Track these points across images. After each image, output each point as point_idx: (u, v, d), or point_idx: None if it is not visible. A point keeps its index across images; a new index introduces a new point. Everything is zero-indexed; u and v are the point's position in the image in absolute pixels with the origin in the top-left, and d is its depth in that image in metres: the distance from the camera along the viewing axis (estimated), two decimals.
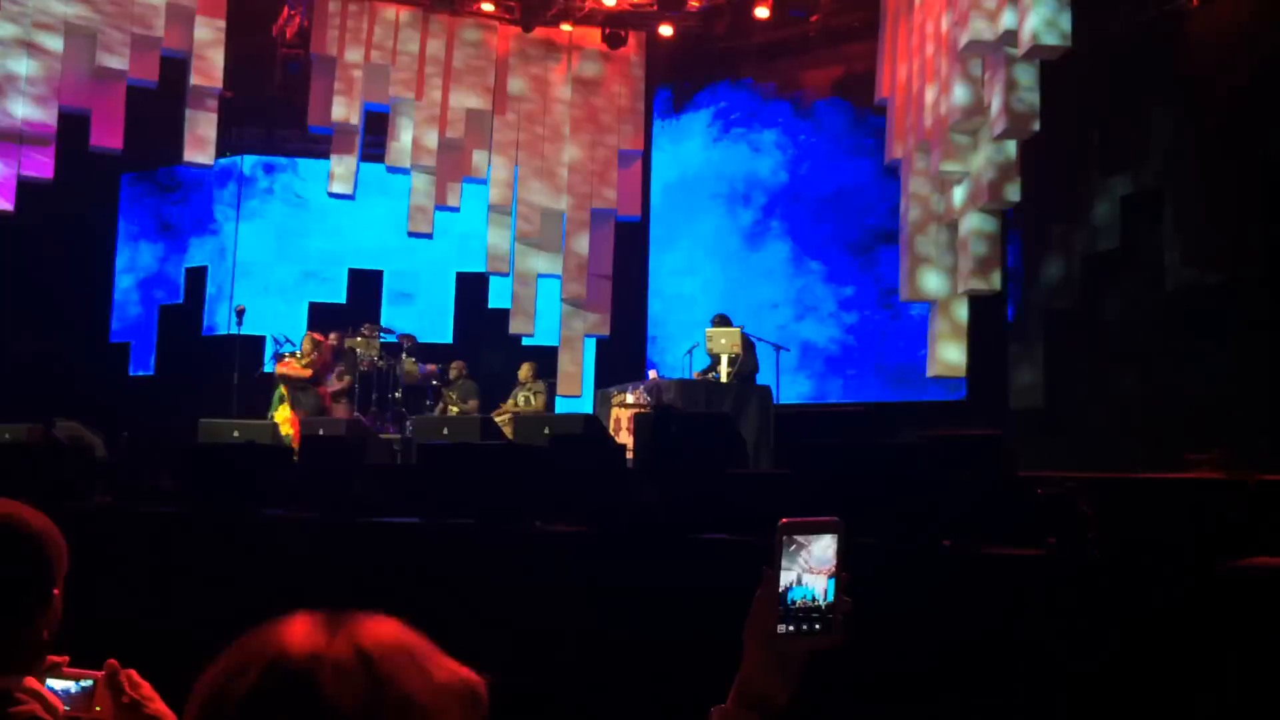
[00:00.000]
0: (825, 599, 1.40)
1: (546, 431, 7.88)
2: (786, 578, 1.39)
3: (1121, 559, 4.18)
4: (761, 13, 13.58)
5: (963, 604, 4.22)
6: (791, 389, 12.90)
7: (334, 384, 11.67)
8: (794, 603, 1.39)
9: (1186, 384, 10.26)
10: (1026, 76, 10.12)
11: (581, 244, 14.66)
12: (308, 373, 11.32)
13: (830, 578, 1.41)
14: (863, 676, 3.48)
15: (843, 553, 1.42)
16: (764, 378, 10.91)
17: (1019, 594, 4.17)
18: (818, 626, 1.39)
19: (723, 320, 10.75)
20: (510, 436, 9.38)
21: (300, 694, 0.96)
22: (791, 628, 1.38)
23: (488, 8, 14.26)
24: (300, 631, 1.02)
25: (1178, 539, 4.21)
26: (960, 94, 10.82)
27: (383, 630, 1.06)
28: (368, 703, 0.97)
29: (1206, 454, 5.70)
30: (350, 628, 1.04)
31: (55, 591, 1.77)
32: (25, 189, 12.06)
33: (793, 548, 1.41)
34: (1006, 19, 9.80)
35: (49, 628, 1.75)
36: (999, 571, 4.24)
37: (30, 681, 1.68)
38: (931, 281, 12.04)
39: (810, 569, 1.40)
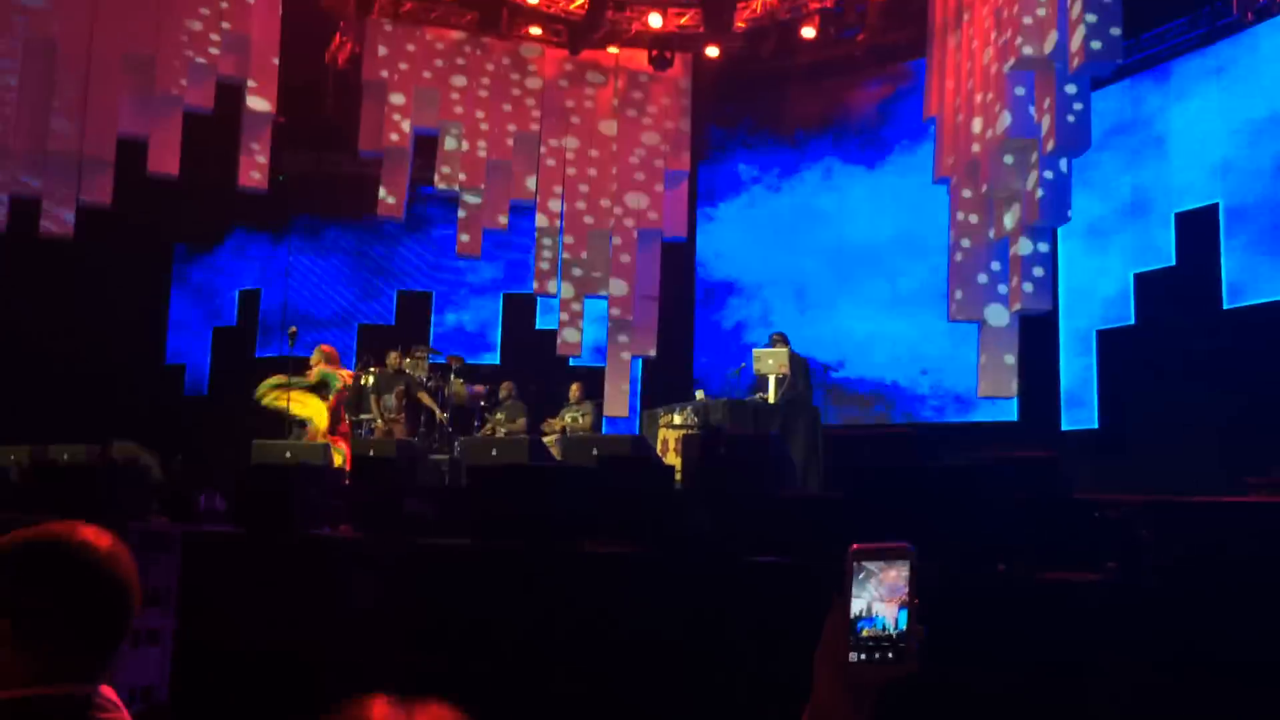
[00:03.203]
0: (896, 627, 1.37)
1: (595, 452, 7.88)
2: (857, 606, 1.37)
3: (1182, 584, 4.09)
4: (808, 32, 13.58)
5: (1020, 629, 4.15)
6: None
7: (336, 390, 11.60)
8: (863, 631, 1.37)
9: (1243, 403, 10.06)
10: (1077, 93, 10.00)
11: (628, 264, 14.70)
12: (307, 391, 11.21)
13: (901, 606, 1.38)
14: (922, 703, 3.43)
15: (914, 580, 1.39)
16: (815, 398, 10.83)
17: (1078, 619, 4.09)
18: (890, 655, 1.36)
19: (780, 339, 10.63)
20: (558, 457, 9.38)
21: None
22: (863, 656, 1.36)
23: (535, 31, 14.40)
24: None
25: (1239, 564, 4.11)
26: (1010, 112, 10.72)
27: None
28: None
29: (1267, 477, 5.56)
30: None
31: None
32: (84, 213, 12.34)
33: (862, 575, 1.39)
34: (1056, 35, 9.71)
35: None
36: (1058, 596, 4.17)
37: (107, 690, 1.71)
38: (981, 301, 11.92)
39: (881, 597, 1.38)
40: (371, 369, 12.28)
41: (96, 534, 1.78)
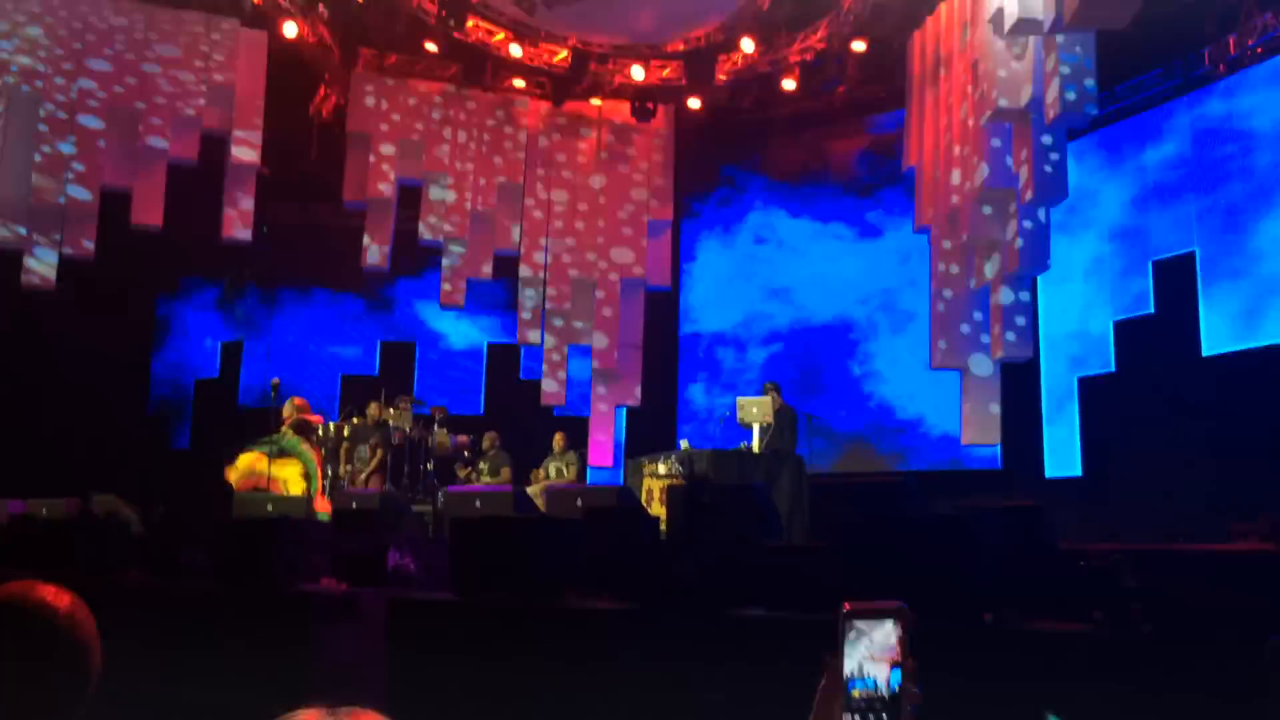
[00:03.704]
0: (888, 689, 1.35)
1: (579, 504, 7.83)
2: (849, 666, 1.35)
3: (1169, 634, 4.08)
4: (788, 85, 13.75)
5: (1007, 681, 4.12)
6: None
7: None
8: (854, 692, 1.35)
9: (1225, 449, 10.11)
10: (1054, 144, 10.14)
11: (612, 314, 14.73)
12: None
13: (894, 666, 1.36)
14: None
15: (907, 640, 1.37)
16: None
17: (1066, 670, 4.07)
18: (884, 717, 1.34)
19: (771, 388, 10.60)
20: (542, 508, 9.33)
21: None
22: (856, 718, 1.34)
23: (519, 84, 14.53)
24: None
25: (1227, 614, 4.11)
26: (988, 163, 10.86)
27: None
28: None
29: (1253, 524, 5.58)
30: None
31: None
32: (66, 265, 12.31)
33: (853, 634, 1.36)
34: (1032, 87, 9.86)
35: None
36: (1044, 647, 4.14)
37: None
38: (963, 350, 11.99)
39: (872, 656, 1.36)
40: (354, 419, 12.23)
41: (55, 593, 1.73)
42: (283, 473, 10.44)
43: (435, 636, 5.55)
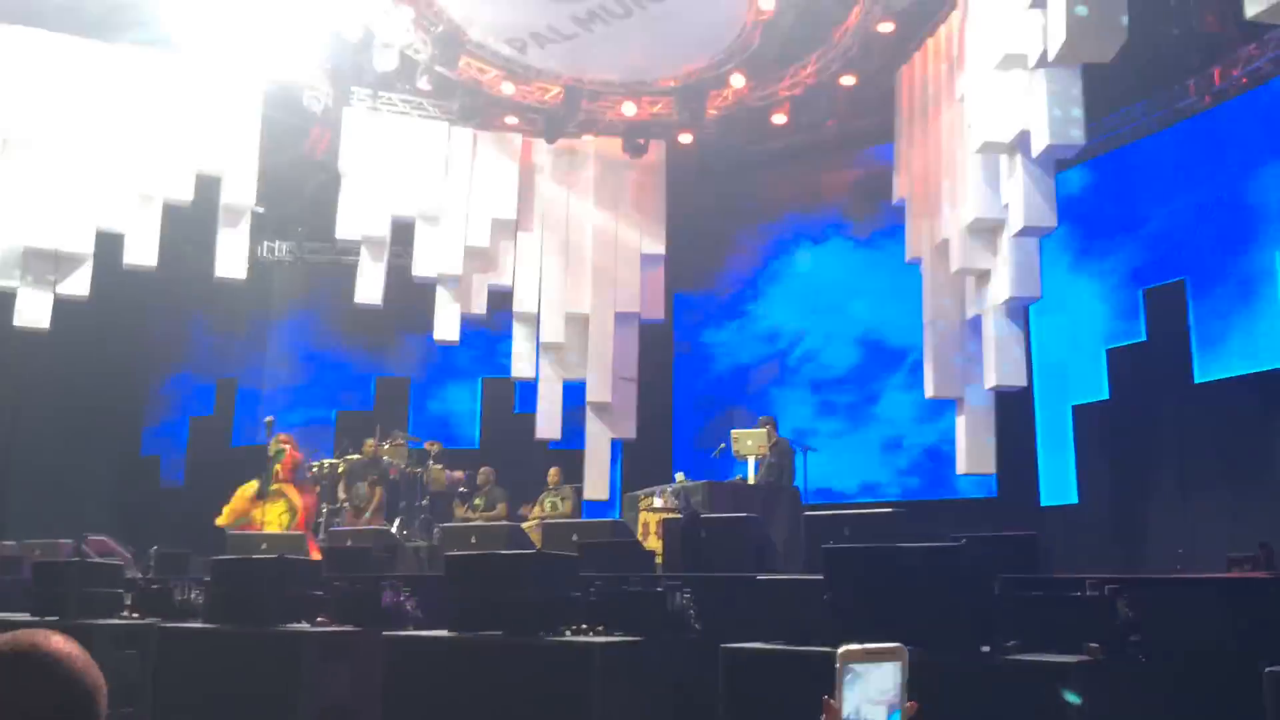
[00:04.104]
0: None
1: (575, 538, 7.82)
2: (847, 708, 1.33)
3: (1164, 663, 4.08)
4: (779, 119, 13.86)
5: (1006, 712, 4.11)
6: None
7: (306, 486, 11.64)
8: None
9: (1219, 476, 10.13)
10: (1042, 175, 10.21)
11: (606, 347, 14.75)
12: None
13: (892, 709, 1.35)
14: None
15: (905, 682, 1.36)
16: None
17: (1063, 701, 4.06)
18: None
19: (767, 422, 10.55)
20: (539, 543, 9.31)
21: None
22: None
23: (511, 120, 14.63)
24: None
25: (1224, 642, 4.11)
26: (977, 194, 10.93)
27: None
28: None
29: (1248, 552, 5.58)
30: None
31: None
32: (60, 306, 12.32)
33: (850, 676, 1.35)
34: (1020, 119, 9.93)
35: None
36: (1043, 678, 4.13)
37: None
38: (957, 379, 12.02)
39: (870, 699, 1.34)
40: (349, 455, 12.23)
41: (65, 642, 1.76)
42: (266, 516, 10.55)
43: (432, 674, 5.53)
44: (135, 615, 7.27)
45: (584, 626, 5.47)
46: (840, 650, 1.38)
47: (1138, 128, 11.95)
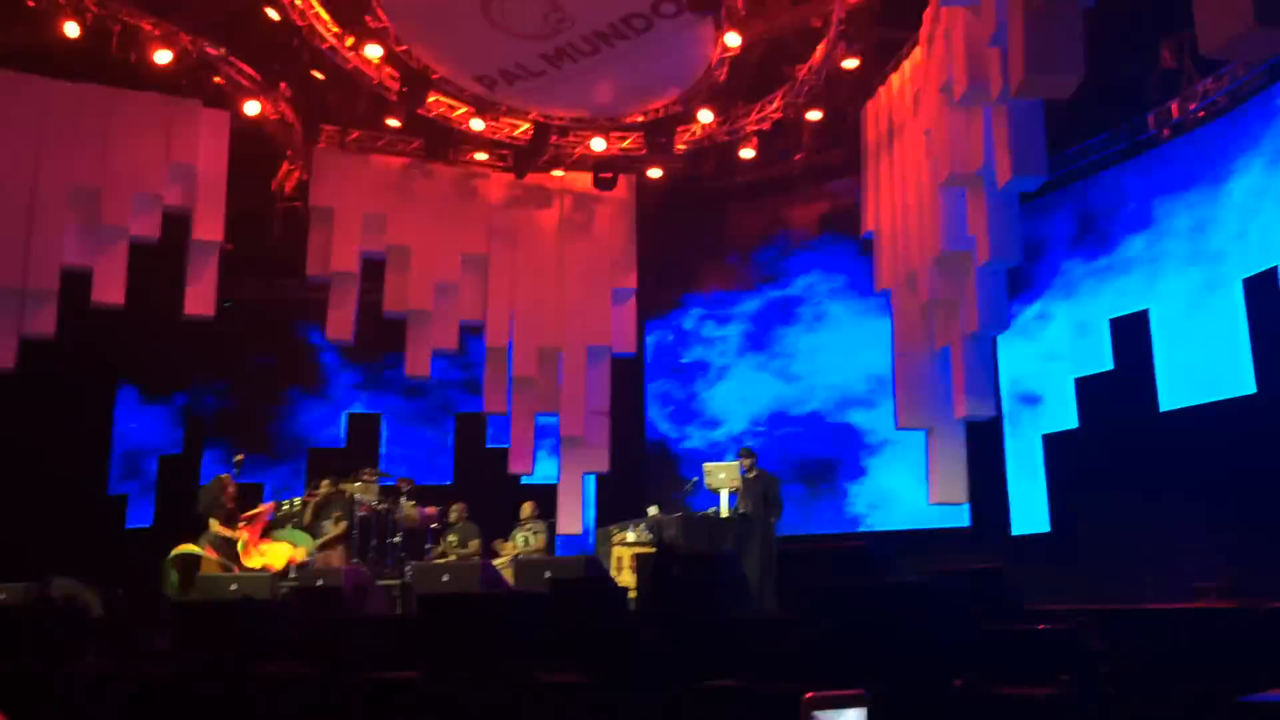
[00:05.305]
0: None
1: (547, 575, 7.79)
2: None
3: (1135, 695, 4.10)
4: (747, 153, 13.98)
5: None
6: None
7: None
8: None
9: (1184, 504, 10.23)
10: (1006, 206, 10.34)
11: (578, 381, 14.75)
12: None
13: None
14: None
15: None
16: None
17: None
18: None
19: (746, 454, 10.51)
20: (511, 580, 9.26)
21: None
22: None
23: (481, 156, 14.68)
24: None
25: (1193, 672, 4.14)
26: (944, 226, 11.05)
27: None
28: None
29: (1213, 581, 5.64)
30: None
31: None
32: (26, 345, 12.19)
33: None
34: (984, 152, 10.08)
35: None
36: (1013, 712, 4.15)
37: None
38: (927, 409, 12.10)
39: None
40: (318, 491, 12.11)
41: None
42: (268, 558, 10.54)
43: (402, 717, 5.47)
44: (100, 659, 7.15)
45: (556, 665, 5.44)
46: (805, 698, 1.40)
47: (1099, 160, 12.15)
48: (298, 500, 12.33)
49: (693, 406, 15.43)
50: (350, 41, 12.48)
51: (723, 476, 10.47)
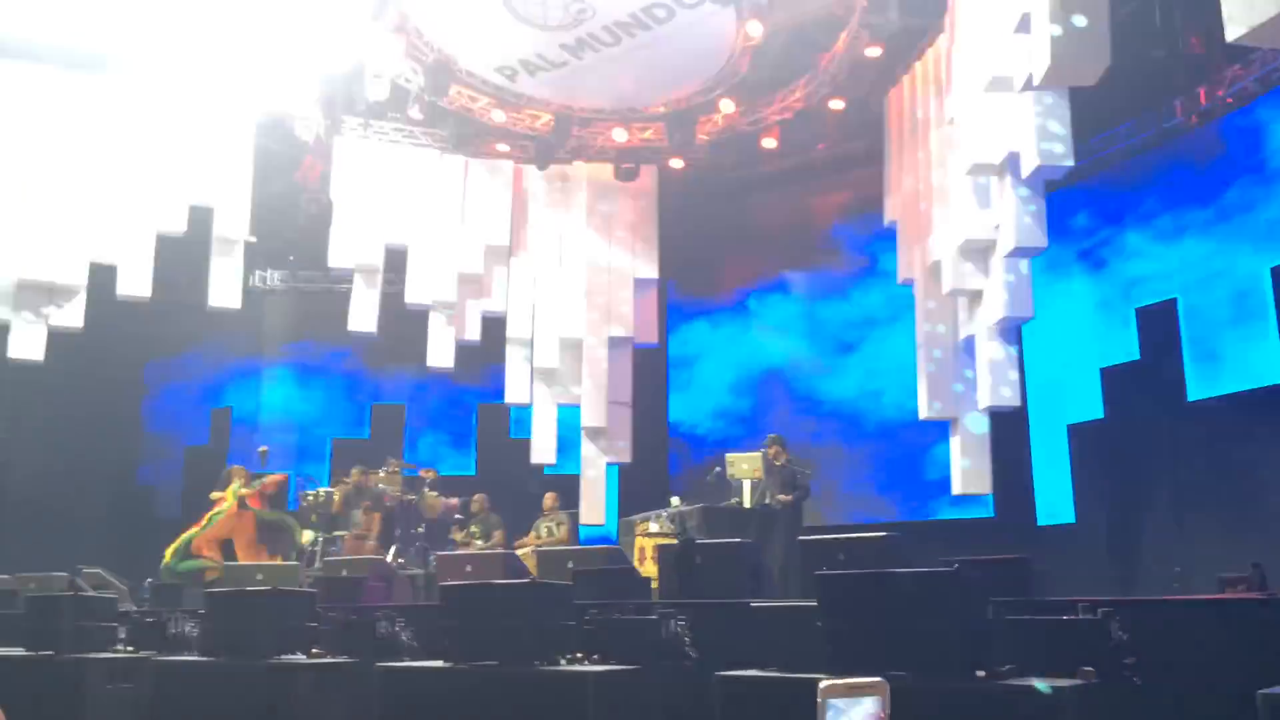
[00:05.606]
0: None
1: (570, 565, 7.80)
2: None
3: (1158, 686, 4.07)
4: (769, 143, 13.93)
5: None
6: None
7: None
8: None
9: (1212, 494, 10.14)
10: (1031, 195, 10.26)
11: (600, 371, 14.77)
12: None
13: None
14: None
15: (888, 716, 1.36)
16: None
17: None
18: None
19: (774, 441, 10.45)
20: (534, 571, 9.28)
21: None
22: None
23: (503, 147, 14.69)
24: None
25: (1218, 665, 4.11)
26: (968, 215, 10.97)
27: None
28: None
29: (1241, 572, 5.58)
30: None
31: None
32: (54, 338, 12.31)
33: (830, 713, 1.36)
34: (1009, 141, 9.99)
35: None
36: (1036, 704, 4.13)
37: None
38: (951, 399, 12.04)
39: None
40: (345, 481, 12.19)
41: None
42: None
43: (427, 705, 5.50)
44: (130, 649, 7.24)
45: (579, 655, 5.46)
46: (822, 685, 1.39)
47: (1126, 148, 12.02)
48: (323, 490, 12.42)
49: (714, 396, 15.42)
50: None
51: (745, 467, 10.46)
